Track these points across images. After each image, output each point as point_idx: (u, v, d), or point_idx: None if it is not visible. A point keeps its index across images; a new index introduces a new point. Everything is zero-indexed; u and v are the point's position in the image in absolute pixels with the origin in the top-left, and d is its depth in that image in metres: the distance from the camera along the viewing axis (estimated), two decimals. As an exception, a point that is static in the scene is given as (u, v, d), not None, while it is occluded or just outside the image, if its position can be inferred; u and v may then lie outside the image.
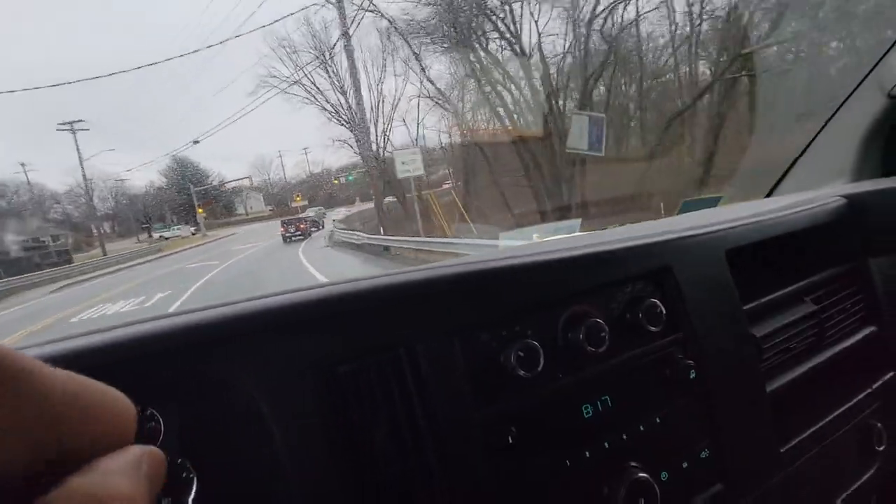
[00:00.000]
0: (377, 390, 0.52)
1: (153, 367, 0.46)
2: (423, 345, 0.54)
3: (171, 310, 0.54)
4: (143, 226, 42.81)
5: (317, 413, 0.49)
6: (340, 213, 32.81)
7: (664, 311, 0.66)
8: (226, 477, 0.48)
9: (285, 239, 22.76)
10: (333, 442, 0.49)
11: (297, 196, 43.52)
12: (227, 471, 0.48)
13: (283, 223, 24.27)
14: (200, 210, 37.89)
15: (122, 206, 44.01)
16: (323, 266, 11.45)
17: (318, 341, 0.51)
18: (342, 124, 20.94)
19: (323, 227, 27.19)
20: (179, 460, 0.47)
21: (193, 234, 37.25)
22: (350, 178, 31.72)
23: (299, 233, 23.16)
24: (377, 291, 0.55)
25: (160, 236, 38.40)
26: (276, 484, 0.47)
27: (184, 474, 0.46)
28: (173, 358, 0.46)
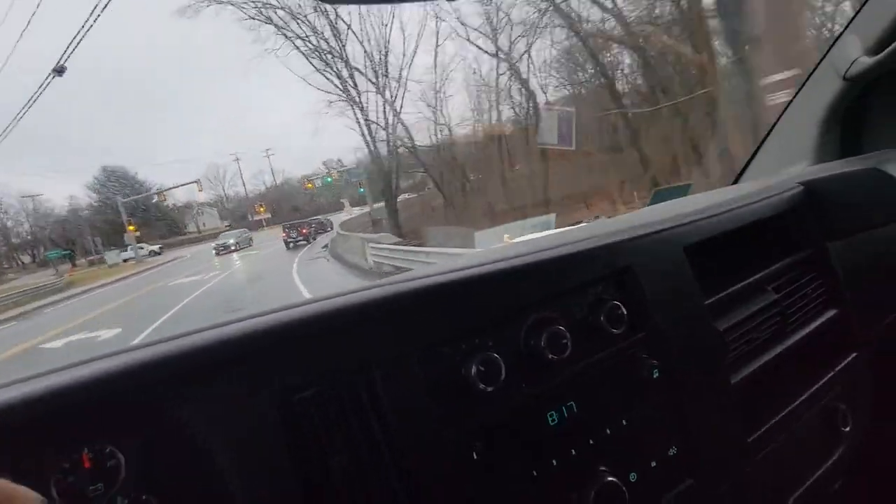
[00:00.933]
0: (335, 416, 0.51)
1: (111, 405, 0.45)
2: (380, 366, 0.53)
3: (131, 343, 0.53)
4: (63, 252, 33.74)
5: (276, 443, 0.48)
6: (354, 212, 28.67)
7: (626, 312, 0.66)
8: None
9: (287, 244, 21.82)
10: (294, 471, 0.48)
11: (260, 207, 39.18)
12: None
13: (284, 228, 23.29)
14: (132, 227, 29.37)
15: (41, 230, 36.04)
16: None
17: (273, 369, 0.50)
18: (341, 81, 14.88)
19: (332, 228, 25.52)
20: (144, 497, 0.46)
21: (126, 262, 28.34)
22: (328, 180, 27.95)
23: (302, 238, 22.22)
24: (332, 314, 0.54)
25: (124, 260, 29.42)
26: None
27: None
28: (131, 395, 0.46)
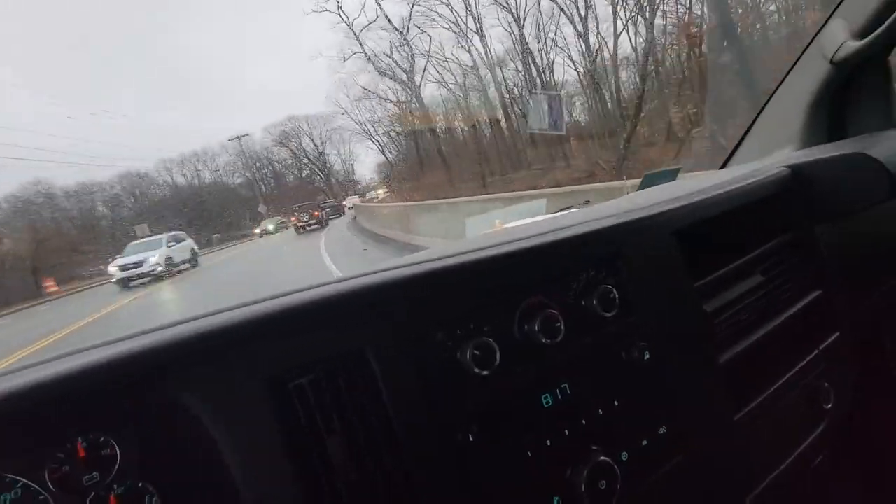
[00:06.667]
0: (330, 402, 0.52)
1: (105, 395, 0.46)
2: (375, 352, 0.54)
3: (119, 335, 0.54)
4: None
5: (270, 429, 0.49)
6: (354, 199, 27.58)
7: (617, 296, 0.67)
8: (187, 497, 0.48)
9: (298, 230, 20.29)
10: (289, 456, 0.49)
11: None
12: (187, 491, 0.48)
13: (294, 211, 21.20)
14: None
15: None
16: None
17: (266, 357, 0.50)
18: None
19: (344, 212, 24.66)
20: (140, 484, 0.47)
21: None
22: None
23: (314, 221, 20.53)
24: (327, 301, 0.54)
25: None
26: (240, 501, 0.47)
27: (146, 498, 0.47)
28: (124, 385, 0.46)
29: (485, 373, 0.57)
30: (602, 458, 0.61)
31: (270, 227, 25.82)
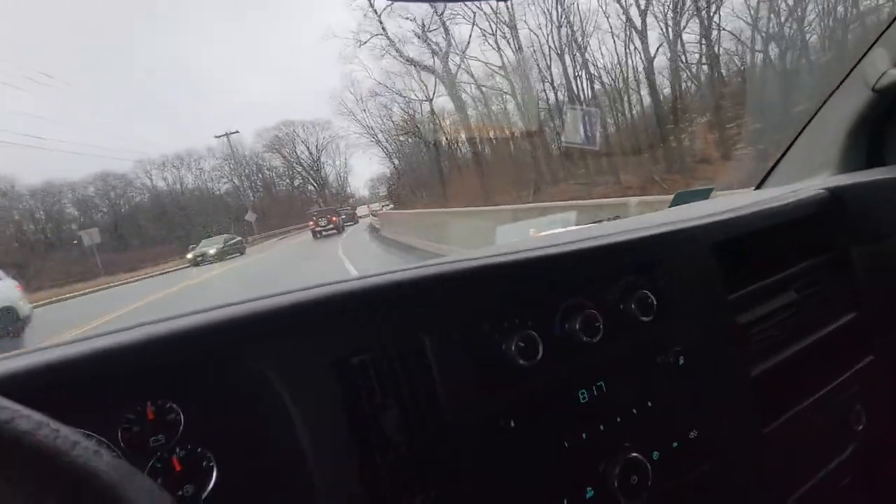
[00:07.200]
0: (387, 380, 0.56)
1: (173, 364, 0.50)
2: (429, 336, 0.58)
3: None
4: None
5: (333, 401, 0.53)
6: (364, 209, 26.97)
7: (655, 302, 0.70)
8: (245, 464, 0.52)
9: (315, 234, 20.33)
10: (348, 428, 0.53)
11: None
12: (246, 458, 0.52)
13: (313, 217, 21.24)
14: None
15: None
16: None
17: (333, 334, 0.55)
18: None
19: (357, 221, 24.79)
20: (199, 450, 0.51)
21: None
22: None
23: (332, 227, 20.59)
24: (389, 287, 0.58)
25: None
26: (294, 468, 0.51)
27: (204, 463, 0.51)
28: (193, 356, 0.50)
29: (527, 364, 0.61)
30: (634, 454, 0.63)
31: (212, 250, 17.50)
